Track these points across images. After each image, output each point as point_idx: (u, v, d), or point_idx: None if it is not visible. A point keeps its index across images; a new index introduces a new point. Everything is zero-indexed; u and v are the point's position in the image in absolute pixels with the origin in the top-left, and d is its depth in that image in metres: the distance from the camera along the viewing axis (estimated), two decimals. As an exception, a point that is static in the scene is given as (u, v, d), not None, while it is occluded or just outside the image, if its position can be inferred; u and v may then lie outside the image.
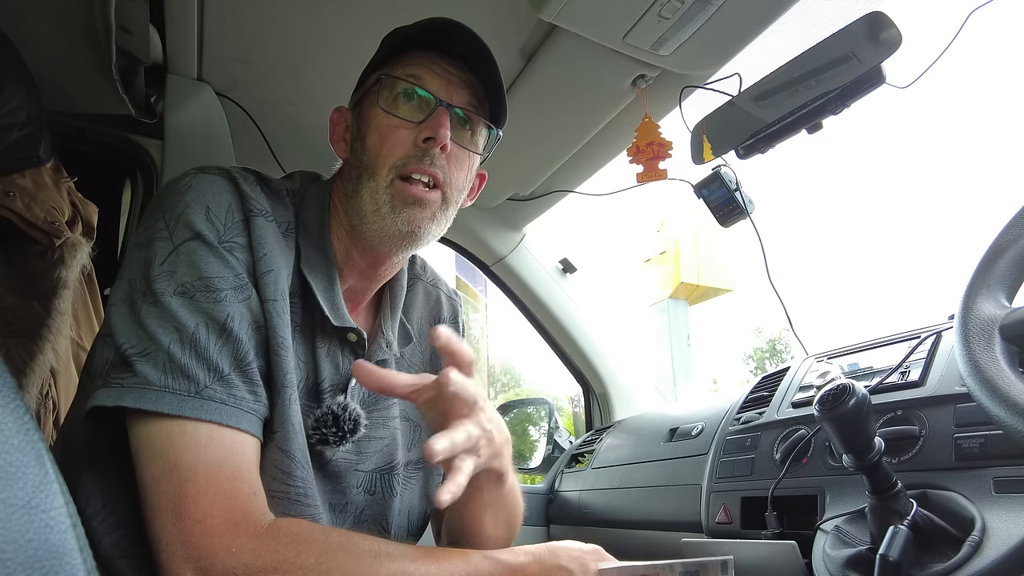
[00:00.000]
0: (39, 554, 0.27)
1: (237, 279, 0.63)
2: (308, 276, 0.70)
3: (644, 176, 1.06)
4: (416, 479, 0.81)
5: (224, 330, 0.60)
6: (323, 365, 0.71)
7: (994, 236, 0.66)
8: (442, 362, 0.73)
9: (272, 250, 0.66)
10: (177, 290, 0.60)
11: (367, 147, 0.72)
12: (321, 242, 0.72)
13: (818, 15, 0.93)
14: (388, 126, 0.71)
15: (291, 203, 0.73)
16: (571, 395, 1.89)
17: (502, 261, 1.60)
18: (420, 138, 0.71)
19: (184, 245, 0.62)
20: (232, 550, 0.53)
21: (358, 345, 0.73)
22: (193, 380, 0.57)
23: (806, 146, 17.73)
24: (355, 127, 0.76)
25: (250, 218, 0.66)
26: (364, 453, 0.75)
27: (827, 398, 0.69)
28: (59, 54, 1.05)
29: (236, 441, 0.59)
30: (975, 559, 0.62)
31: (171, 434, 0.56)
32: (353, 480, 0.74)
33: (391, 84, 0.72)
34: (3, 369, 0.30)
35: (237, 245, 0.64)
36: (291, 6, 0.99)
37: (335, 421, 0.70)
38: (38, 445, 0.30)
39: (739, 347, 30.52)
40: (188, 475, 0.55)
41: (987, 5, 0.80)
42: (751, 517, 0.92)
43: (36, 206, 0.94)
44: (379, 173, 0.71)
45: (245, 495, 0.57)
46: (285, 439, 0.64)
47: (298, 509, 0.65)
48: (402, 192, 0.71)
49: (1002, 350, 0.60)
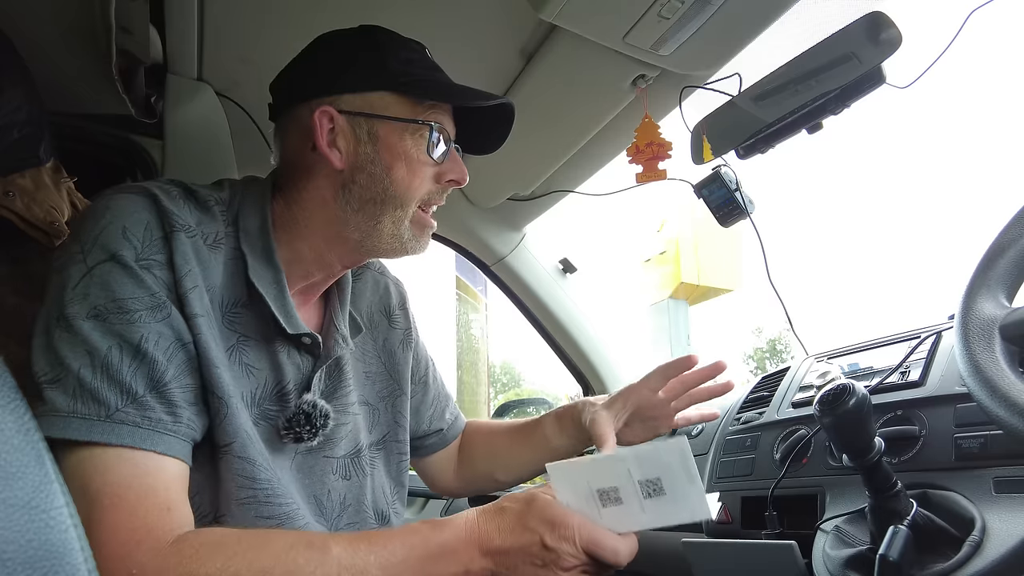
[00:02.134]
0: (39, 554, 0.27)
1: (153, 299, 0.61)
2: (258, 285, 0.69)
3: (644, 176, 1.06)
4: (379, 458, 0.86)
5: (138, 352, 0.59)
6: (286, 368, 0.73)
7: (994, 236, 0.66)
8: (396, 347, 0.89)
9: (195, 266, 0.65)
10: (90, 313, 0.59)
11: (394, 178, 0.73)
12: (266, 249, 0.72)
13: (818, 15, 0.93)
14: (420, 163, 0.74)
15: (220, 213, 0.71)
16: (571, 395, 1.89)
17: (502, 261, 1.60)
18: (445, 178, 0.77)
19: (98, 267, 0.61)
20: (133, 572, 0.52)
21: (313, 346, 0.75)
22: (103, 404, 0.57)
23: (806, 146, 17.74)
24: (367, 146, 0.72)
25: (171, 234, 0.64)
26: (331, 440, 0.77)
27: (827, 398, 0.68)
28: (59, 54, 1.05)
29: (150, 462, 0.58)
30: (975, 559, 0.62)
31: (81, 459, 0.56)
32: (327, 468, 0.76)
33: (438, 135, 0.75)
34: (3, 369, 0.30)
35: (156, 263, 0.63)
36: (291, 6, 0.99)
37: (307, 419, 0.72)
38: (38, 445, 0.30)
39: (739, 347, 30.53)
40: (95, 499, 0.54)
41: (987, 5, 0.80)
42: (751, 517, 0.92)
43: (36, 206, 0.94)
44: (407, 206, 0.74)
45: (155, 512, 0.56)
46: (242, 446, 0.65)
47: (270, 510, 0.66)
48: (421, 221, 0.77)
49: (1002, 350, 0.60)
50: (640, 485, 0.57)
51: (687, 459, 0.55)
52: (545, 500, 0.61)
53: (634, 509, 0.58)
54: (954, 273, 22.52)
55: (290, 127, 0.76)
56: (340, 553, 0.57)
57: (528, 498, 0.62)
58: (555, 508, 0.60)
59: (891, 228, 55.25)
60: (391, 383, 0.90)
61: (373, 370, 0.88)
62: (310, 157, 0.74)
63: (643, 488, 0.57)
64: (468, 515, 0.62)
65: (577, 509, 0.61)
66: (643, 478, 0.57)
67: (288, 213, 0.75)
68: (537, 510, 0.60)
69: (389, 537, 0.60)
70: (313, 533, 0.62)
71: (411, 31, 0.78)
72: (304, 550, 0.56)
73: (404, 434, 0.89)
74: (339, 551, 0.57)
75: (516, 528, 0.60)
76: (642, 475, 0.57)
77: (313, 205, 0.74)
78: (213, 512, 0.66)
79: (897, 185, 61.25)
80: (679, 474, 0.55)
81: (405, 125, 0.73)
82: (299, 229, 0.75)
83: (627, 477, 0.58)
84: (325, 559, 0.56)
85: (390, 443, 0.88)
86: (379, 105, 0.73)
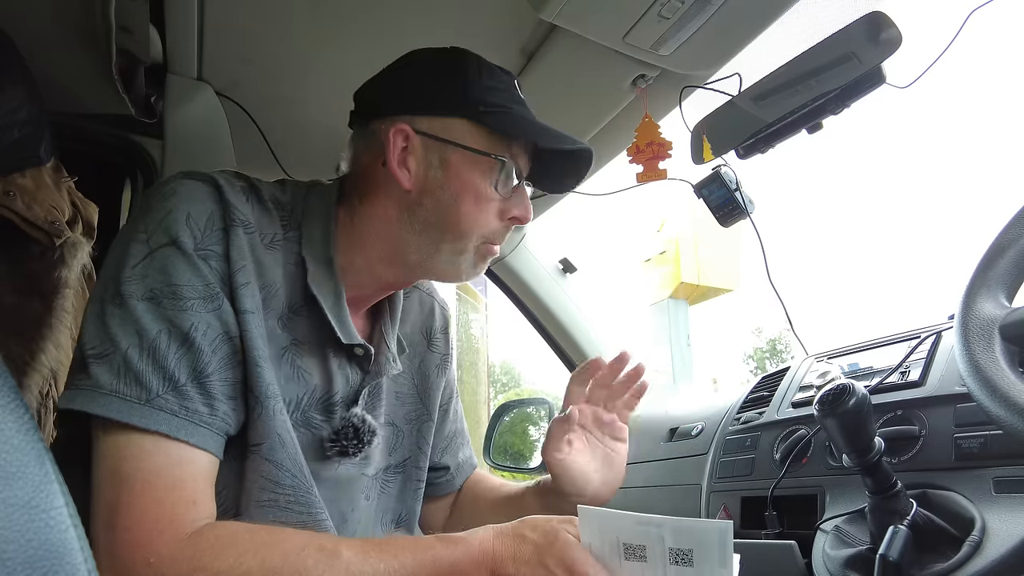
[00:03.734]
0: (39, 554, 0.27)
1: (207, 288, 0.62)
2: (316, 293, 0.69)
3: (644, 176, 1.06)
4: (394, 482, 0.84)
5: (186, 339, 0.60)
6: (336, 378, 0.72)
7: (994, 236, 0.66)
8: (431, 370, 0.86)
9: (250, 262, 0.65)
10: (145, 295, 0.59)
11: (461, 210, 0.71)
12: (326, 257, 0.72)
13: (818, 15, 0.93)
14: (488, 198, 0.73)
15: (279, 215, 0.71)
16: (571, 395, 1.88)
17: (502, 261, 1.60)
18: (508, 215, 0.75)
19: (160, 250, 0.61)
20: (151, 561, 0.53)
21: (364, 359, 0.74)
22: (145, 387, 0.57)
23: (806, 146, 17.72)
24: (438, 171, 0.71)
25: (230, 228, 0.65)
26: (368, 459, 0.76)
27: (827, 398, 0.68)
28: (59, 54, 1.05)
29: (183, 452, 0.58)
30: (975, 559, 0.62)
31: (116, 440, 0.56)
32: (359, 485, 0.76)
33: (508, 171, 0.73)
34: (3, 369, 0.30)
35: (213, 254, 0.63)
36: (292, 5, 0.99)
37: (355, 433, 0.71)
38: (38, 445, 0.30)
39: (739, 347, 30.54)
40: (125, 483, 0.55)
41: (987, 5, 0.80)
42: (751, 517, 0.92)
43: (36, 206, 0.94)
44: (469, 240, 0.73)
45: (182, 503, 0.56)
46: (271, 450, 0.64)
47: (289, 516, 0.65)
48: (484, 254, 0.76)
49: (1002, 350, 0.60)
50: (670, 552, 0.56)
51: (726, 543, 0.54)
52: (568, 540, 0.60)
53: (657, 571, 0.57)
54: (954, 273, 22.53)
55: (365, 139, 0.75)
56: (351, 558, 0.57)
57: (551, 532, 0.61)
58: (577, 552, 0.59)
59: (891, 228, 55.29)
60: (419, 407, 0.88)
61: (404, 391, 0.86)
62: (380, 173, 0.72)
63: (672, 555, 0.56)
64: (483, 535, 0.61)
65: (598, 555, 0.59)
66: (675, 547, 0.55)
67: (350, 224, 0.74)
68: (559, 549, 0.59)
69: (401, 547, 0.60)
70: (326, 536, 0.62)
71: (411, 31, 0.79)
72: (315, 552, 0.56)
73: (425, 461, 0.87)
74: (350, 556, 0.57)
75: (532, 561, 0.59)
76: (675, 544, 0.55)
77: (376, 221, 0.73)
78: (235, 509, 0.66)
79: (897, 185, 61.31)
80: (713, 554, 0.54)
81: (477, 157, 0.71)
82: (358, 242, 0.74)
83: (659, 541, 0.56)
84: (335, 563, 0.56)
85: (410, 468, 0.86)
86: (455, 132, 0.71)
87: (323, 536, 0.61)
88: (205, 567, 0.53)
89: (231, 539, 0.56)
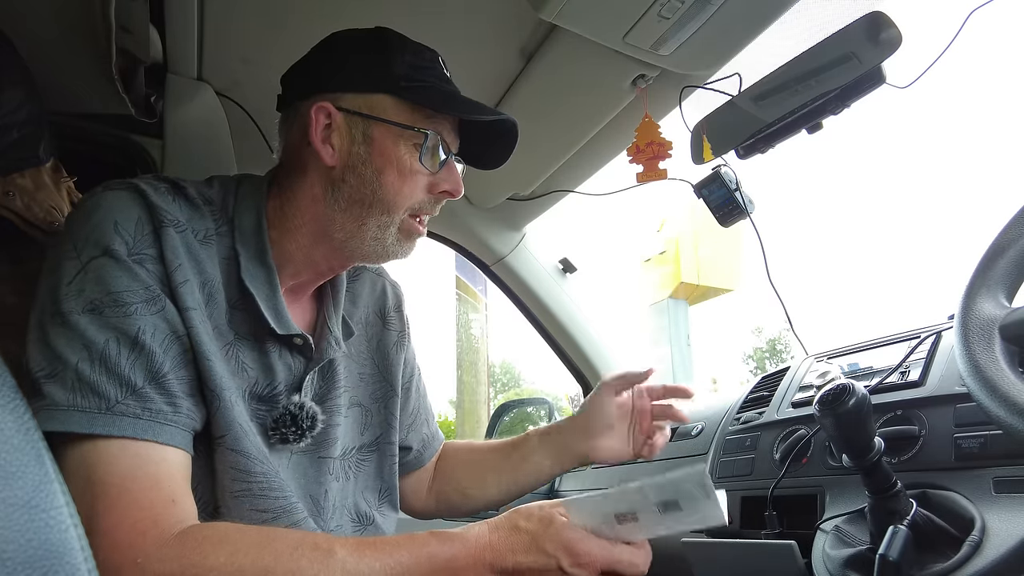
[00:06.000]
0: (39, 553, 0.27)
1: (148, 291, 0.62)
2: (249, 285, 0.69)
3: (644, 176, 1.06)
4: (370, 460, 0.85)
5: (136, 344, 0.59)
6: (277, 368, 0.72)
7: (994, 236, 0.66)
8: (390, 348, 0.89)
9: (186, 260, 0.65)
10: (86, 308, 0.59)
11: (384, 183, 0.72)
12: (260, 249, 0.72)
13: (818, 15, 0.93)
14: (412, 171, 0.73)
15: (209, 211, 0.71)
16: (571, 395, 1.89)
17: (502, 261, 1.60)
18: (438, 188, 0.76)
19: (92, 262, 0.61)
20: (138, 561, 0.53)
21: (305, 347, 0.74)
22: (103, 396, 0.57)
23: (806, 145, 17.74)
24: (360, 147, 0.72)
25: (160, 229, 0.65)
26: (326, 442, 0.77)
27: (827, 398, 0.69)
28: (59, 54, 1.05)
29: (153, 452, 0.58)
30: (975, 559, 0.62)
31: (83, 452, 0.56)
32: (324, 468, 0.76)
33: (432, 144, 0.73)
34: (3, 369, 0.30)
35: (148, 256, 0.63)
36: (291, 6, 0.99)
37: (293, 420, 0.72)
38: (38, 445, 0.30)
39: (739, 347, 30.55)
40: (100, 490, 0.55)
41: (987, 5, 0.80)
42: (751, 517, 0.92)
43: (36, 206, 0.94)
44: (396, 212, 0.73)
45: (160, 503, 0.56)
46: (235, 440, 0.65)
47: (265, 503, 0.66)
48: (410, 229, 0.76)
49: (1002, 350, 0.60)
50: (659, 505, 0.57)
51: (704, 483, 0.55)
52: (562, 523, 0.60)
53: (651, 522, 0.58)
54: (954, 273, 22.54)
55: (291, 121, 0.76)
56: (345, 557, 0.57)
57: (545, 519, 0.61)
58: (573, 532, 0.60)
59: (891, 228, 55.30)
60: (384, 384, 0.89)
61: (367, 371, 0.88)
62: (305, 152, 0.74)
63: (660, 507, 0.57)
64: (479, 529, 0.62)
65: (594, 531, 0.61)
66: (660, 500, 0.57)
67: (280, 210, 0.75)
68: (555, 533, 0.60)
69: (396, 546, 0.60)
70: (319, 535, 0.62)
71: (411, 30, 0.78)
72: (309, 551, 0.56)
73: (395, 435, 0.89)
74: (344, 555, 0.57)
75: (532, 549, 0.60)
76: (659, 498, 0.57)
77: (303, 202, 0.74)
78: (212, 503, 0.66)
79: (897, 185, 61.31)
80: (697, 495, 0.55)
81: (400, 130, 0.72)
82: (289, 226, 0.74)
83: (646, 502, 0.58)
84: (329, 562, 0.56)
85: (383, 445, 0.87)
86: (377, 107, 0.72)
87: (315, 535, 0.61)
88: (196, 564, 0.53)
89: (221, 537, 0.56)
